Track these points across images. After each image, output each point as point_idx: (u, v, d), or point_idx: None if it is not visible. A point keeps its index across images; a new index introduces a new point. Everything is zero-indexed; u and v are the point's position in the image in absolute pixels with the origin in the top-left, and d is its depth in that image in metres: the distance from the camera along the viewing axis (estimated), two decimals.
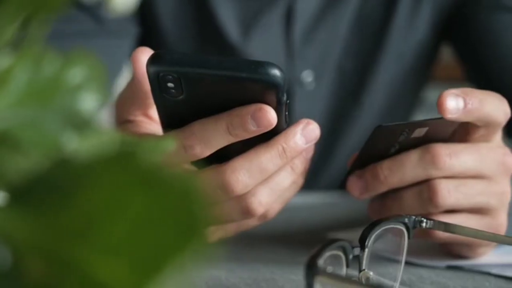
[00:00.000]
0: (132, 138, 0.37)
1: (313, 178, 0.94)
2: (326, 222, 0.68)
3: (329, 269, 0.35)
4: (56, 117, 0.23)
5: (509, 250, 0.58)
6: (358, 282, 0.40)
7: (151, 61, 0.44)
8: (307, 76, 0.91)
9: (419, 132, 0.52)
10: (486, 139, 0.53)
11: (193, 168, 0.49)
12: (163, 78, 0.44)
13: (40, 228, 0.20)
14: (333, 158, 0.94)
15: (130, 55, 0.90)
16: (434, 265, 0.55)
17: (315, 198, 0.81)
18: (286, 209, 0.62)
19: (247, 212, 0.48)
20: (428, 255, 0.56)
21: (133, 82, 0.51)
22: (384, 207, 0.54)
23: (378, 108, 0.94)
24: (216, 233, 0.53)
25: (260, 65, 0.43)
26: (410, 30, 0.92)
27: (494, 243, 0.56)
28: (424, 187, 0.51)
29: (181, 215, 0.17)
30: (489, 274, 0.53)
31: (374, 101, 0.94)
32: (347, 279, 0.38)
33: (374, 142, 0.52)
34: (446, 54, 1.04)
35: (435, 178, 0.51)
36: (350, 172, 0.55)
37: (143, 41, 0.91)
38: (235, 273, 0.52)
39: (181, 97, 0.45)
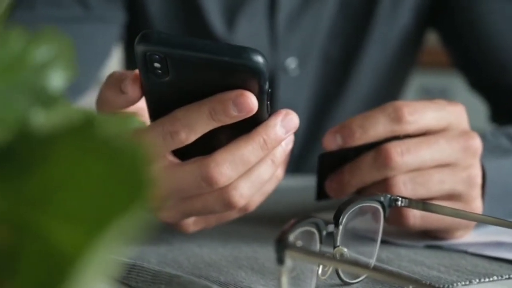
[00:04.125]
0: (94, 113, 0.37)
1: (299, 162, 0.95)
2: (312, 204, 0.69)
3: (299, 243, 0.36)
4: (22, 93, 0.24)
5: (486, 230, 0.59)
6: (327, 256, 0.41)
7: (139, 40, 0.45)
8: (291, 63, 0.92)
9: None
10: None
11: (176, 160, 0.50)
12: (150, 57, 0.45)
13: (4, 197, 0.21)
14: (319, 143, 0.95)
15: (117, 41, 0.91)
16: (413, 245, 0.56)
17: (302, 181, 0.82)
18: (273, 192, 0.63)
19: (228, 205, 0.49)
20: (407, 235, 0.58)
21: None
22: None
23: (363, 93, 0.95)
24: (198, 223, 0.54)
25: (243, 50, 0.44)
26: (394, 16, 0.93)
27: (471, 226, 0.57)
28: (382, 181, 0.54)
29: (129, 181, 0.18)
30: (465, 252, 0.54)
31: (359, 86, 0.95)
32: (317, 253, 0.39)
33: (325, 164, 0.57)
34: (431, 39, 1.05)
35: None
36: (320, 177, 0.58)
37: (130, 28, 0.92)
38: (217, 251, 0.53)
39: (167, 78, 0.46)
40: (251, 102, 0.45)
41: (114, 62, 1.12)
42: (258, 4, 0.89)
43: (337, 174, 0.56)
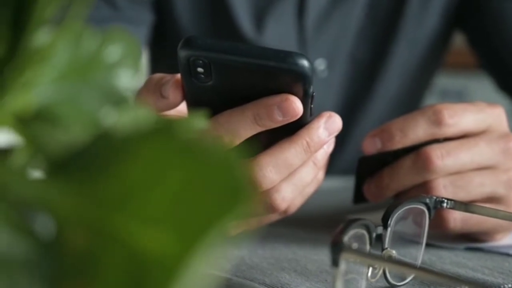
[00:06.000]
0: (166, 116, 0.37)
1: (328, 164, 0.95)
2: (343, 206, 0.68)
3: (355, 246, 0.36)
4: (94, 93, 0.24)
5: None
6: (384, 258, 0.40)
7: (183, 45, 0.44)
8: (320, 65, 0.91)
9: None
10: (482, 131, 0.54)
11: None
12: (193, 62, 0.44)
13: (82, 199, 0.21)
14: (347, 144, 0.95)
15: (145, 42, 0.91)
16: (453, 247, 0.56)
17: (332, 183, 0.82)
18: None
19: (270, 208, 0.49)
20: (447, 237, 0.57)
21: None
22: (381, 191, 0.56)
23: (391, 94, 0.95)
24: (238, 226, 0.54)
25: (289, 55, 0.43)
26: (422, 17, 0.92)
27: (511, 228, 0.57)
28: (421, 185, 0.54)
29: (223, 183, 0.18)
30: (507, 255, 0.54)
31: (387, 88, 0.94)
32: (373, 255, 0.39)
33: (364, 168, 0.57)
34: (457, 41, 1.04)
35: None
36: (358, 181, 0.58)
37: (157, 29, 0.92)
38: (257, 254, 0.53)
39: (210, 82, 0.45)
40: (296, 106, 0.45)
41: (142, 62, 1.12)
42: (287, 5, 0.89)
43: (376, 177, 0.56)
